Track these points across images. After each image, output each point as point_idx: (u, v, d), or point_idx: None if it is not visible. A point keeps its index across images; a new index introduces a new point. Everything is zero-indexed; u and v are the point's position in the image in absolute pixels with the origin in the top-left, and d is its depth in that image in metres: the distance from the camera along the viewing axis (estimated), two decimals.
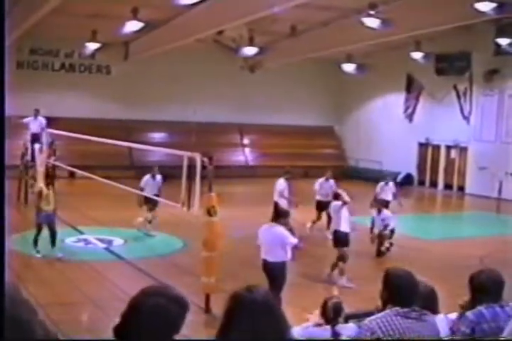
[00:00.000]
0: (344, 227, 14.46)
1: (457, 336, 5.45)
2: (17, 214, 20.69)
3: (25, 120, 26.33)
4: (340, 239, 14.45)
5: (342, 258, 14.39)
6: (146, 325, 3.12)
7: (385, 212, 17.56)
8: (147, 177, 19.13)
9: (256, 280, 10.98)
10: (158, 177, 19.16)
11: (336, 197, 15.01)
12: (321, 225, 19.23)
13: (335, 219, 14.80)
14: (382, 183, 20.78)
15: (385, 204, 19.46)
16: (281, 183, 19.60)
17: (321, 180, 20.28)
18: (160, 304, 3.16)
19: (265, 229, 11.62)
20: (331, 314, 7.24)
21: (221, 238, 12.39)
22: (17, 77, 31.71)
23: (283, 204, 18.86)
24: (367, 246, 17.01)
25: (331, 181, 19.83)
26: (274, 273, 11.42)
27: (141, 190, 18.58)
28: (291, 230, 11.89)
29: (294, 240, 11.50)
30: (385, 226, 17.19)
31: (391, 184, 20.86)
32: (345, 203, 14.47)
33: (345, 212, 14.55)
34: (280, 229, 11.48)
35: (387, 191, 20.42)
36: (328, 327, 7.13)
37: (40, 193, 16.04)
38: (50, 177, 16.58)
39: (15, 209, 21.22)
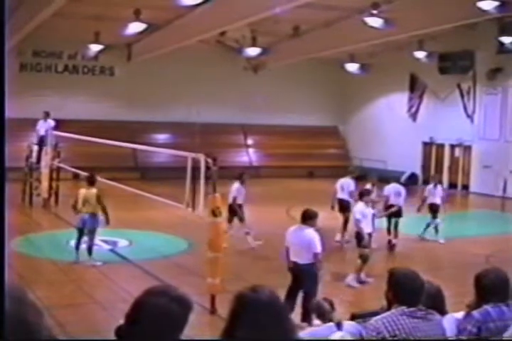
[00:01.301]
0: (367, 229, 14.42)
1: (463, 335, 5.44)
2: (21, 216, 20.73)
3: (38, 125, 26.33)
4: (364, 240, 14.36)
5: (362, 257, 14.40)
6: (150, 325, 3.11)
7: (438, 218, 19.07)
8: (237, 185, 17.91)
9: (261, 280, 10.97)
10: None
11: (361, 198, 14.94)
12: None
13: (362, 222, 14.56)
14: (430, 186, 19.96)
15: (435, 208, 19.44)
16: (349, 182, 18.95)
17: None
18: (163, 304, 3.16)
19: (294, 230, 11.44)
20: (327, 306, 7.25)
21: (226, 238, 12.39)
22: (20, 80, 31.91)
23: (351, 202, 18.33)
24: (372, 245, 16.99)
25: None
26: (304, 275, 11.23)
27: (234, 199, 17.52)
28: (318, 231, 11.71)
29: (318, 249, 11.25)
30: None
31: (439, 187, 20.02)
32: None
33: (369, 213, 14.56)
34: (311, 234, 11.22)
35: (435, 194, 19.54)
36: (331, 323, 7.11)
37: (99, 197, 15.78)
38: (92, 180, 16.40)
39: (19, 212, 21.26)
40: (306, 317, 10.59)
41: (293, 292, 11.00)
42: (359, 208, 14.51)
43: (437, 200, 19.49)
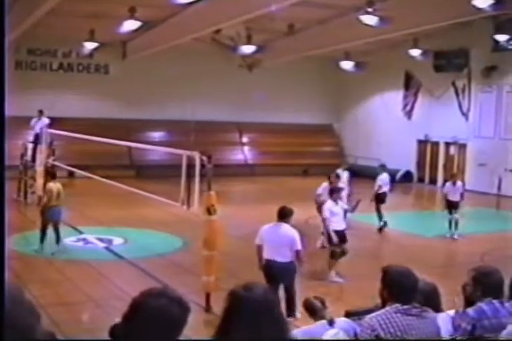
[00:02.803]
0: (339, 226, 14.49)
1: (458, 333, 5.46)
2: (17, 214, 20.71)
3: (32, 122, 26.40)
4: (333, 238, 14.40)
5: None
6: (149, 327, 3.10)
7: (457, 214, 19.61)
8: (326, 184, 17.72)
9: (256, 278, 10.98)
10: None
11: (331, 195, 14.99)
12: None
13: (330, 220, 14.63)
14: (448, 183, 20.32)
15: (455, 204, 19.71)
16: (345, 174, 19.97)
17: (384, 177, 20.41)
18: (163, 306, 3.15)
19: (271, 228, 11.34)
20: (318, 304, 7.25)
21: (221, 236, 12.39)
22: (15, 78, 31.69)
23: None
24: (366, 243, 17.03)
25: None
26: (284, 273, 11.16)
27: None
28: (295, 228, 11.71)
29: (300, 247, 11.26)
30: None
31: (459, 184, 20.32)
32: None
33: (339, 211, 14.59)
34: (291, 231, 11.22)
35: (455, 191, 19.88)
36: (323, 321, 7.11)
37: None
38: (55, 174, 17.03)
39: (15, 210, 21.24)
40: (289, 313, 10.57)
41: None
42: (328, 206, 14.54)
43: (456, 197, 19.80)
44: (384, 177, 20.48)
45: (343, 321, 6.79)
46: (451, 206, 19.74)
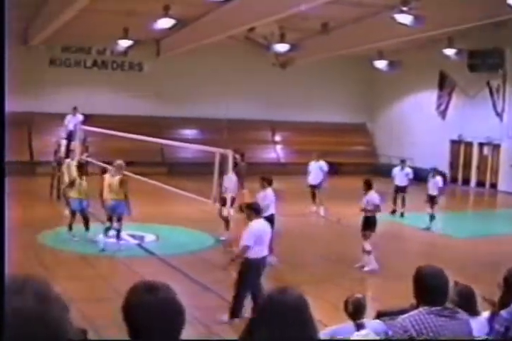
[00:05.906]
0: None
1: (491, 335, 5.42)
2: (49, 210, 20.88)
3: (67, 118, 26.53)
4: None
5: None
6: (157, 324, 2.90)
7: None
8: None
9: (285, 276, 10.97)
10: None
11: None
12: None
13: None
14: (397, 168, 22.73)
15: (402, 189, 22.07)
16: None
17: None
18: (164, 299, 2.95)
19: (266, 224, 11.45)
20: (351, 308, 7.27)
21: None
22: (50, 75, 32.16)
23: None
24: (398, 244, 16.94)
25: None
26: None
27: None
28: None
29: None
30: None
31: (407, 170, 22.49)
32: None
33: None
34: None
35: (402, 176, 22.11)
36: (351, 322, 7.13)
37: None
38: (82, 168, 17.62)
39: (47, 205, 21.43)
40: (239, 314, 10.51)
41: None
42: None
43: (403, 182, 22.49)
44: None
45: (375, 323, 6.78)
46: (398, 190, 22.30)
